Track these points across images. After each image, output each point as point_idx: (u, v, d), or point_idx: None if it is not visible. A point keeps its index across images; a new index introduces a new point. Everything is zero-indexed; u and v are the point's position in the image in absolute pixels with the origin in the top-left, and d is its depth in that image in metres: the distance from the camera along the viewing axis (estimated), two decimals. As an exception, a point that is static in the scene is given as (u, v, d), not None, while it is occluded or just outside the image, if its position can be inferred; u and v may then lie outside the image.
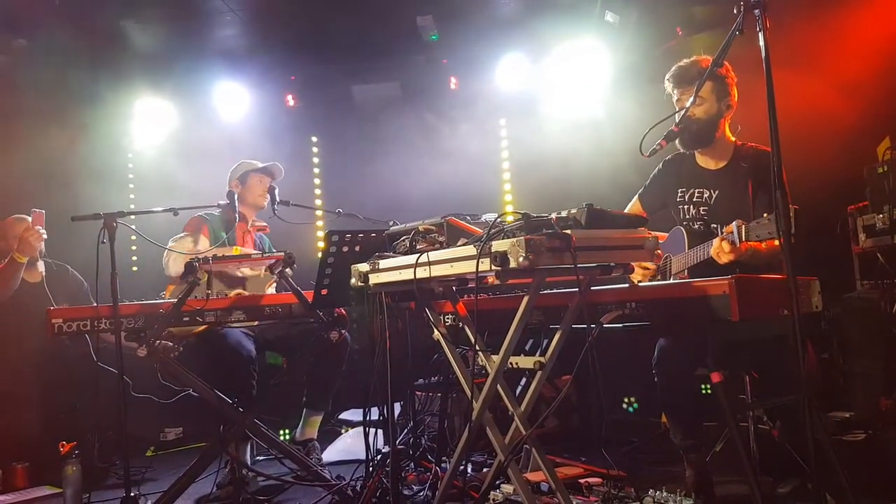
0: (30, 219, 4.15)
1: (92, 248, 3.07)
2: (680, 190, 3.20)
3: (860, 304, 4.26)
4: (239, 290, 3.74)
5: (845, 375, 4.45)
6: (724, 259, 2.66)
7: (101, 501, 3.50)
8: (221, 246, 3.92)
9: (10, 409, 4.15)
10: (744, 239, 2.55)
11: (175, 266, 3.90)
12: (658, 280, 3.17)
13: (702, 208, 3.12)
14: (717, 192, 3.09)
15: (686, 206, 3.17)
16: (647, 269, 3.17)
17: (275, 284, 3.96)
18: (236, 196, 4.13)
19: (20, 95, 5.46)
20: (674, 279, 3.08)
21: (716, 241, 2.68)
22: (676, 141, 3.03)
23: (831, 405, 4.54)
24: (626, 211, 3.42)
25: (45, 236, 4.04)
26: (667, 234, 3.22)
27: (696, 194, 3.14)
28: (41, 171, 5.84)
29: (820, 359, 4.16)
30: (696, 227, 3.10)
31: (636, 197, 3.45)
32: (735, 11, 2.16)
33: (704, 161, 3.16)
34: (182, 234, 4.03)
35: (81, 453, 3.29)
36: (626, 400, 4.79)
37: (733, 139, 3.11)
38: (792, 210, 2.11)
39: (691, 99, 2.81)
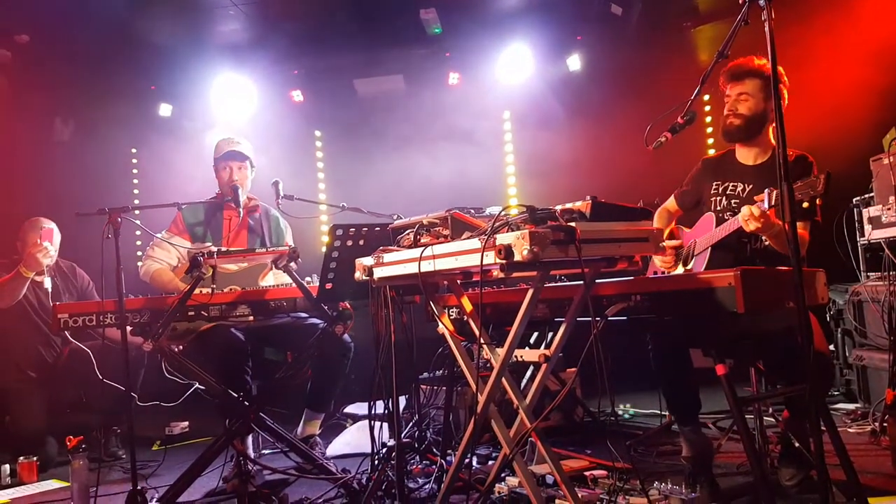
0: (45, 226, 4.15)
1: (97, 242, 3.08)
2: (715, 183, 3.22)
3: (865, 295, 4.25)
4: (232, 287, 3.71)
5: (851, 367, 4.45)
6: (752, 226, 2.67)
7: (108, 495, 3.51)
8: (199, 241, 3.89)
9: (17, 404, 4.18)
10: (773, 203, 2.58)
11: (146, 275, 3.91)
12: (679, 267, 3.19)
13: (733, 201, 3.13)
14: (750, 187, 3.10)
15: (718, 198, 3.19)
16: (668, 255, 3.19)
17: (270, 274, 3.94)
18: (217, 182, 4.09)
19: (23, 91, 5.47)
20: (693, 261, 3.09)
21: (745, 208, 2.70)
22: (721, 133, 3.11)
23: (837, 397, 4.55)
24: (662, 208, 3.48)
25: (52, 253, 4.04)
26: (689, 230, 3.25)
27: (731, 187, 3.17)
28: (45, 167, 5.88)
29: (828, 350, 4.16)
30: (727, 217, 3.11)
31: (672, 196, 3.47)
32: (740, 2, 2.15)
33: (744, 156, 3.19)
34: (162, 236, 3.93)
35: (88, 447, 3.30)
36: (622, 407, 4.75)
37: (774, 143, 3.12)
38: (824, 174, 2.33)
39: (696, 92, 2.80)
